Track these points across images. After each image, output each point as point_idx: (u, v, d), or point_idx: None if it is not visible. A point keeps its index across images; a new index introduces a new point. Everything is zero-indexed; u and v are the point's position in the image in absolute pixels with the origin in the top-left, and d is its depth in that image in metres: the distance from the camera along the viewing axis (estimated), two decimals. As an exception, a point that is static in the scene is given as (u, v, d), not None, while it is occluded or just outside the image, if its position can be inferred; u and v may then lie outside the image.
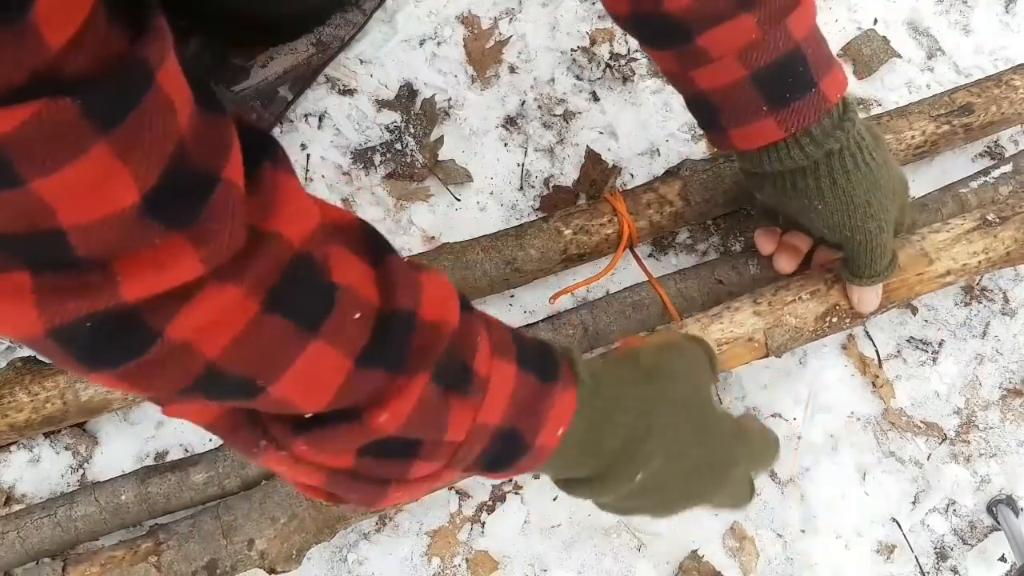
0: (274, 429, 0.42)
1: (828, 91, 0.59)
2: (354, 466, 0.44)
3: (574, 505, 0.75)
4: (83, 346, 0.34)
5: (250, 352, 0.37)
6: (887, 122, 0.81)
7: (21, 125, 0.27)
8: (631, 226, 0.76)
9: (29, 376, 0.70)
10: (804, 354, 0.80)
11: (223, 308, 0.35)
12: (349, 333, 0.40)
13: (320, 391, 0.40)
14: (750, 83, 0.59)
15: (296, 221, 0.38)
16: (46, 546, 0.67)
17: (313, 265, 0.39)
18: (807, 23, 0.59)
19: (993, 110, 0.82)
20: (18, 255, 0.32)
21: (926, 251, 0.72)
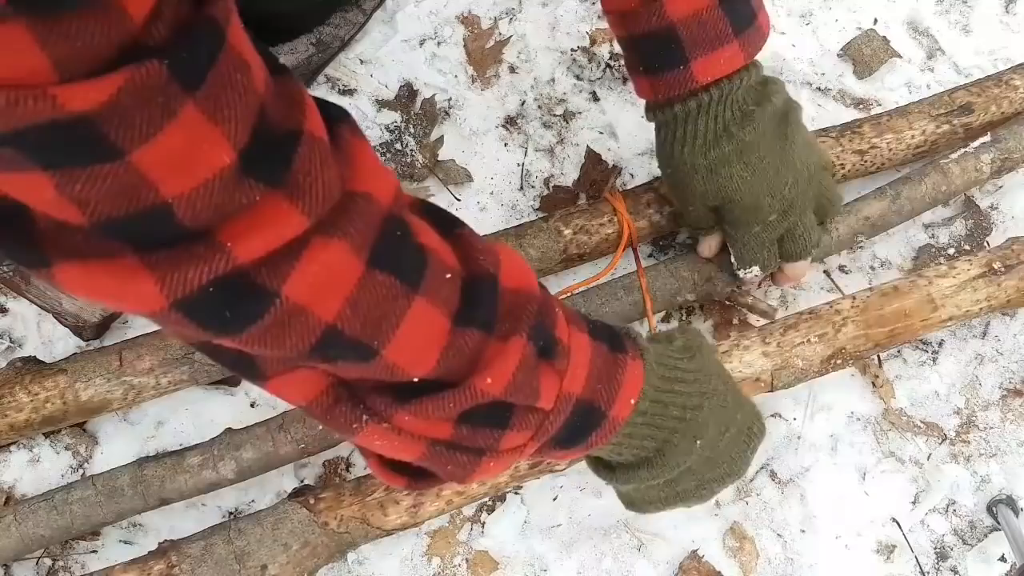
0: (375, 402, 0.43)
1: (698, 72, 0.62)
2: (453, 435, 0.45)
3: (574, 505, 0.75)
4: (208, 313, 0.34)
5: (363, 311, 0.38)
6: (887, 122, 0.81)
7: (115, 93, 0.28)
8: (631, 226, 0.76)
9: (29, 376, 0.70)
10: (804, 354, 0.80)
11: (333, 264, 0.36)
12: (444, 293, 0.41)
13: (426, 353, 0.41)
14: (630, 45, 0.63)
15: (381, 182, 0.39)
16: (41, 530, 0.67)
17: (404, 225, 0.40)
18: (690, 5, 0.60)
19: (993, 109, 0.82)
20: (124, 237, 0.32)
21: (932, 297, 0.73)
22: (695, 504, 0.61)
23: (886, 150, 0.80)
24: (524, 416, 0.47)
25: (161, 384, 0.71)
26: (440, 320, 0.41)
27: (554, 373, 0.47)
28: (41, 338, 0.78)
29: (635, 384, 0.51)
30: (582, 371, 0.49)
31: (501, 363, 0.43)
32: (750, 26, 0.62)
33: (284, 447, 0.69)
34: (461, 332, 0.42)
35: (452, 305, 0.42)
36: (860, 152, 0.79)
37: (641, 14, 0.61)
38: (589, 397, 0.49)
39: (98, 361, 0.71)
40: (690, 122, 0.64)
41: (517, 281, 0.46)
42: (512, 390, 0.44)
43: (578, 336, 0.49)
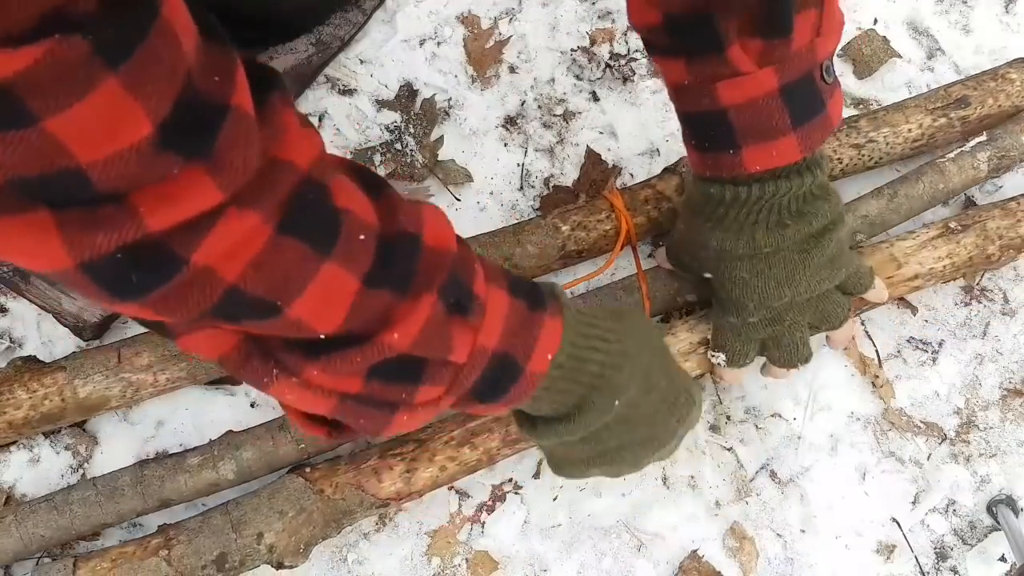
0: (285, 357, 0.44)
1: (748, 160, 0.59)
2: (364, 389, 0.45)
3: (574, 505, 0.75)
4: (112, 277, 0.35)
5: (268, 274, 0.38)
6: (883, 116, 0.81)
7: (32, 64, 0.28)
8: (629, 222, 0.76)
9: (28, 374, 0.70)
10: (804, 354, 0.80)
11: (243, 233, 0.36)
12: (356, 255, 0.41)
13: (333, 311, 0.41)
14: (683, 118, 0.61)
15: (303, 147, 0.39)
16: (41, 530, 0.67)
17: (320, 189, 0.40)
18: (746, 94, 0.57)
19: (990, 102, 0.82)
20: (38, 195, 0.32)
21: (895, 256, 0.75)
22: (618, 470, 0.60)
23: (883, 144, 0.80)
24: (437, 370, 0.47)
25: (159, 381, 0.71)
26: (349, 281, 0.41)
27: (468, 328, 0.47)
28: (41, 338, 0.78)
29: (552, 340, 0.51)
30: (498, 325, 0.49)
31: (409, 319, 0.43)
32: (814, 118, 0.58)
33: (284, 446, 0.69)
34: (371, 292, 0.42)
35: (364, 266, 0.42)
36: (857, 146, 0.80)
37: (694, 93, 0.59)
38: (505, 350, 0.49)
39: (97, 358, 0.71)
40: (722, 207, 0.62)
41: (438, 238, 0.46)
42: (420, 345, 0.45)
43: (496, 292, 0.49)
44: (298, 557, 0.66)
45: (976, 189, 0.86)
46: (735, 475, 0.77)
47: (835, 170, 0.80)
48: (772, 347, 0.69)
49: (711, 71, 0.57)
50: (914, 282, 0.76)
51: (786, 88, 0.57)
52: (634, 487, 0.76)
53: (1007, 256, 0.78)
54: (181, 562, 0.63)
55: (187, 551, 0.64)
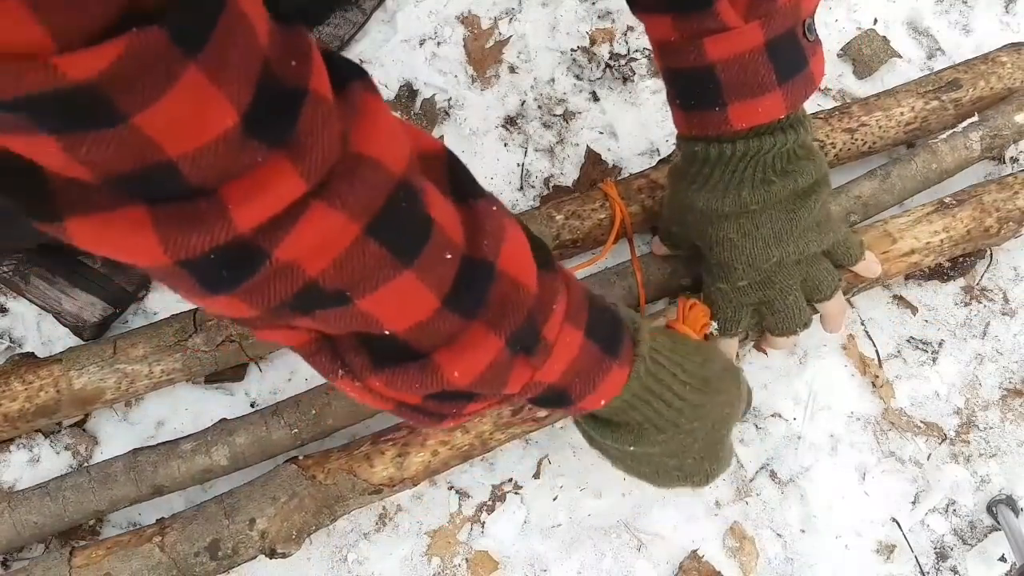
0: (352, 360, 0.45)
1: (734, 117, 0.60)
2: (420, 404, 0.47)
3: (574, 505, 0.75)
4: (205, 273, 0.36)
5: (347, 271, 0.38)
6: (875, 102, 0.81)
7: (115, 61, 0.28)
8: (624, 210, 0.76)
9: (25, 367, 0.70)
10: (804, 354, 0.80)
11: (327, 230, 0.37)
12: (439, 272, 0.42)
13: (404, 316, 0.42)
14: (668, 77, 0.61)
15: (393, 146, 0.39)
16: (35, 517, 0.67)
17: (413, 195, 0.40)
18: (732, 49, 0.57)
19: (982, 84, 0.82)
20: (132, 190, 0.33)
21: (889, 232, 0.75)
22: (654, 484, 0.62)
23: (875, 127, 0.80)
24: (490, 396, 0.49)
25: (154, 373, 0.71)
26: (427, 297, 0.42)
27: (528, 367, 0.48)
28: (41, 338, 0.78)
29: (611, 390, 0.53)
30: (560, 366, 0.50)
31: (472, 359, 0.44)
32: (798, 74, 0.59)
33: (277, 432, 0.69)
34: (446, 313, 0.42)
35: (444, 286, 0.42)
36: (849, 130, 0.80)
37: (681, 50, 0.58)
38: (562, 385, 0.51)
39: (92, 350, 0.71)
40: (708, 166, 0.62)
41: (516, 271, 0.45)
42: (478, 385, 0.46)
43: (570, 333, 0.49)
44: (291, 544, 0.66)
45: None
46: (735, 475, 0.77)
47: (829, 156, 0.80)
48: (767, 313, 0.68)
49: (698, 26, 0.57)
50: (911, 257, 0.76)
51: (771, 43, 0.57)
52: (634, 487, 0.76)
53: (1008, 229, 0.78)
54: (174, 548, 0.64)
55: (180, 538, 0.64)
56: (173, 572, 0.64)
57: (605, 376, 0.51)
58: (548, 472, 0.76)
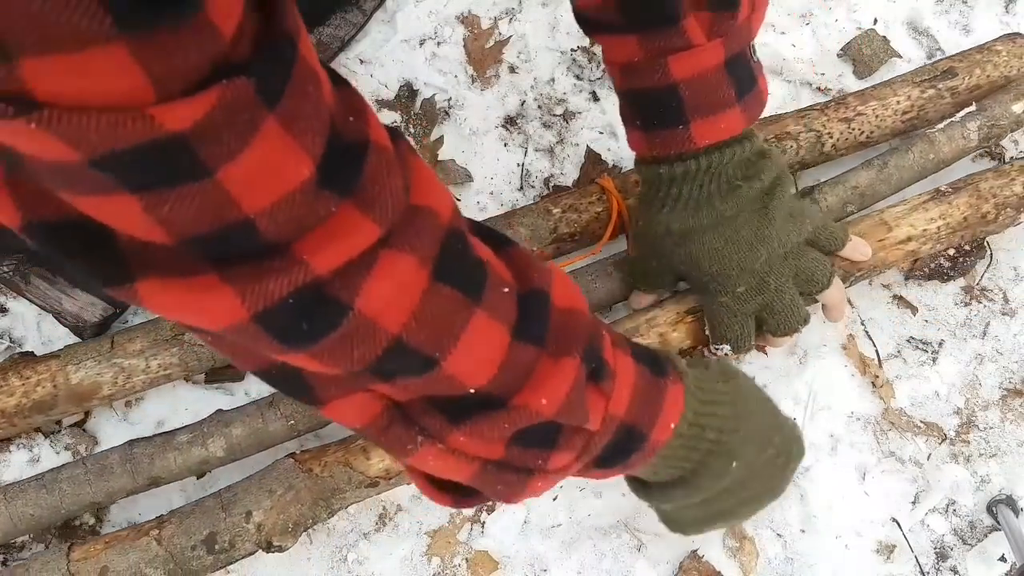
0: (429, 423, 0.43)
1: (697, 134, 0.60)
2: (505, 455, 0.45)
3: (574, 505, 0.75)
4: (284, 325, 0.35)
5: (427, 322, 0.38)
6: (871, 92, 0.82)
7: (209, 111, 0.28)
8: (621, 203, 0.76)
9: (23, 363, 0.70)
10: (804, 354, 0.80)
11: (401, 277, 0.36)
12: (503, 307, 0.42)
13: (486, 365, 0.41)
14: (629, 98, 0.61)
15: (441, 196, 0.39)
16: (31, 509, 0.67)
17: (464, 239, 0.40)
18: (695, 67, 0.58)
19: (978, 72, 0.82)
20: (205, 252, 0.32)
21: (885, 220, 0.75)
22: (734, 522, 0.62)
23: (872, 116, 0.80)
24: (571, 437, 0.47)
25: (151, 367, 0.71)
26: (500, 333, 0.41)
27: (601, 395, 0.47)
28: (41, 338, 0.78)
29: (675, 408, 0.52)
30: (626, 393, 0.49)
31: (555, 383, 0.43)
32: (751, 91, 0.61)
33: (273, 423, 0.69)
34: (519, 345, 0.42)
35: (511, 319, 0.42)
36: (846, 120, 0.80)
37: (644, 69, 0.59)
38: (632, 420, 0.50)
39: (90, 345, 0.71)
40: (675, 186, 0.63)
41: (568, 300, 0.45)
42: (564, 411, 0.44)
43: (623, 359, 0.49)
44: (287, 537, 0.66)
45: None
46: (735, 475, 0.77)
47: (826, 146, 0.80)
48: (768, 316, 0.68)
49: (664, 44, 0.57)
50: (908, 245, 0.76)
51: (730, 61, 0.59)
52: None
53: (1005, 216, 0.78)
54: (171, 542, 0.64)
55: (177, 531, 0.64)
56: (170, 566, 0.64)
57: (665, 396, 0.51)
58: (548, 472, 0.76)
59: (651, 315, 0.72)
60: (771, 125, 0.79)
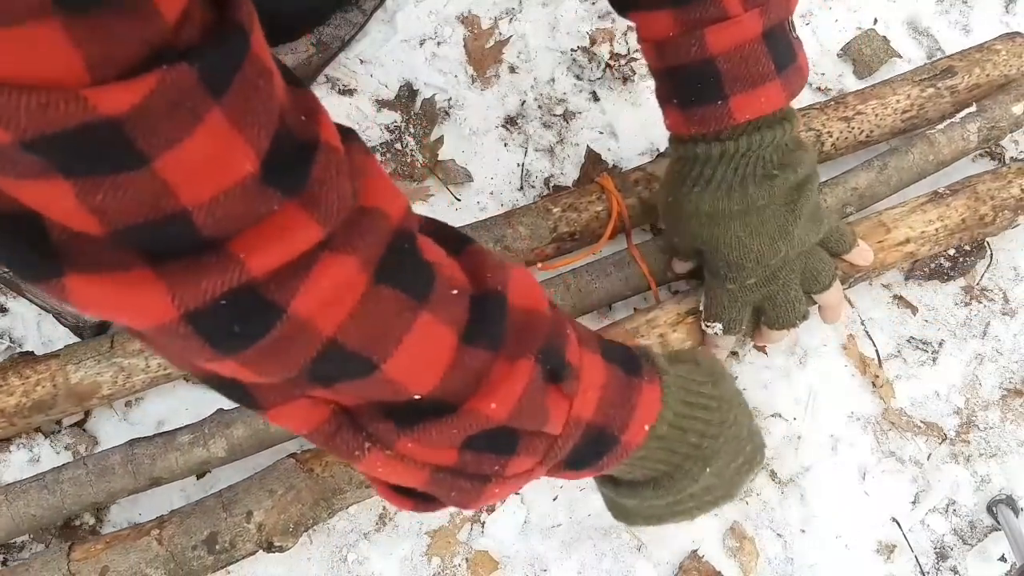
0: (376, 428, 0.42)
1: (736, 109, 0.59)
2: (457, 462, 0.44)
3: (574, 505, 0.75)
4: (215, 327, 0.33)
5: (365, 325, 0.37)
6: (870, 91, 0.81)
7: (146, 96, 0.27)
8: (620, 203, 0.76)
9: (23, 363, 0.70)
10: (804, 354, 0.80)
11: (340, 280, 0.35)
12: (452, 308, 0.40)
13: (430, 369, 0.40)
14: (665, 75, 0.60)
15: (391, 197, 0.38)
16: (32, 510, 0.67)
17: (412, 241, 0.39)
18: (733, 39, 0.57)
19: (977, 71, 0.82)
20: (139, 246, 0.31)
21: (883, 222, 0.76)
22: (681, 521, 0.59)
23: (872, 115, 0.80)
24: (531, 441, 0.45)
25: (151, 367, 0.71)
26: (447, 336, 0.40)
27: (563, 397, 0.46)
28: (41, 338, 0.78)
29: (651, 409, 0.50)
30: (594, 395, 0.47)
31: (507, 386, 0.42)
32: (791, 64, 0.59)
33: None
34: (468, 349, 0.40)
35: (460, 321, 0.41)
36: (846, 119, 0.80)
37: (680, 44, 0.58)
38: (601, 422, 0.48)
39: (90, 345, 0.71)
40: (709, 166, 0.62)
41: (526, 300, 0.44)
42: (518, 415, 0.43)
43: (591, 358, 0.48)
44: (288, 537, 0.66)
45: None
46: (735, 475, 0.77)
47: (825, 145, 0.80)
48: (769, 308, 0.68)
49: (700, 15, 0.57)
50: (906, 247, 0.76)
51: (768, 33, 0.58)
52: (634, 487, 0.76)
53: (1003, 218, 0.78)
54: (172, 542, 0.64)
55: (178, 531, 0.64)
56: (171, 566, 0.64)
57: (638, 396, 0.49)
58: (548, 472, 0.76)
59: (652, 315, 0.72)
60: (771, 125, 0.79)
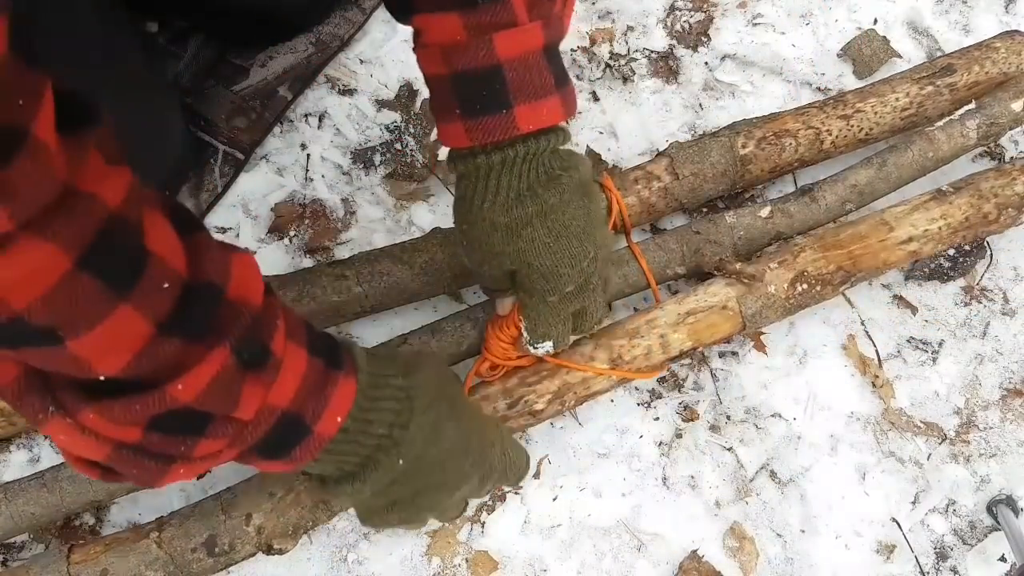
0: (64, 395, 0.42)
1: (520, 119, 0.58)
2: (141, 440, 0.44)
3: (574, 505, 0.75)
4: None
5: (58, 307, 0.37)
6: (869, 89, 0.81)
7: None
8: (620, 202, 0.76)
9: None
10: (804, 354, 0.80)
11: (35, 264, 0.35)
12: (155, 301, 0.40)
13: (117, 354, 0.40)
14: (449, 83, 0.59)
15: (110, 180, 0.38)
16: (31, 508, 0.67)
17: (128, 227, 0.39)
18: (520, 47, 0.56)
19: (976, 69, 0.82)
20: None
21: (886, 220, 0.75)
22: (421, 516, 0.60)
23: (871, 113, 0.80)
24: (221, 424, 0.46)
25: None
26: (143, 326, 0.40)
27: (259, 384, 0.47)
28: (41, 338, 0.78)
29: (344, 402, 0.52)
30: (292, 384, 0.49)
31: (197, 371, 0.42)
32: (567, 85, 0.60)
33: None
34: (163, 339, 0.41)
35: (161, 313, 0.41)
36: (845, 117, 0.80)
37: (468, 48, 0.56)
38: (296, 411, 0.49)
39: None
40: (493, 176, 0.60)
41: (241, 290, 0.45)
42: (206, 399, 0.44)
43: (295, 350, 0.49)
44: (287, 540, 0.66)
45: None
46: (735, 475, 0.77)
47: (825, 143, 0.80)
48: (580, 318, 0.67)
49: (490, 20, 0.56)
50: (909, 245, 0.76)
51: (548, 48, 0.58)
52: (634, 487, 0.76)
53: (1007, 216, 0.78)
54: (171, 544, 0.64)
55: (177, 534, 0.64)
56: (170, 568, 0.64)
57: (334, 389, 0.51)
58: (548, 472, 0.76)
59: (651, 316, 0.72)
60: (770, 123, 0.79)
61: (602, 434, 0.77)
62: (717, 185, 0.79)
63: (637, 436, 0.77)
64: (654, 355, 0.71)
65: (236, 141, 0.84)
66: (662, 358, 0.72)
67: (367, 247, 0.80)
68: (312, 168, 0.85)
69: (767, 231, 0.77)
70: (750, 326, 0.73)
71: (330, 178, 0.85)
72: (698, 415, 0.78)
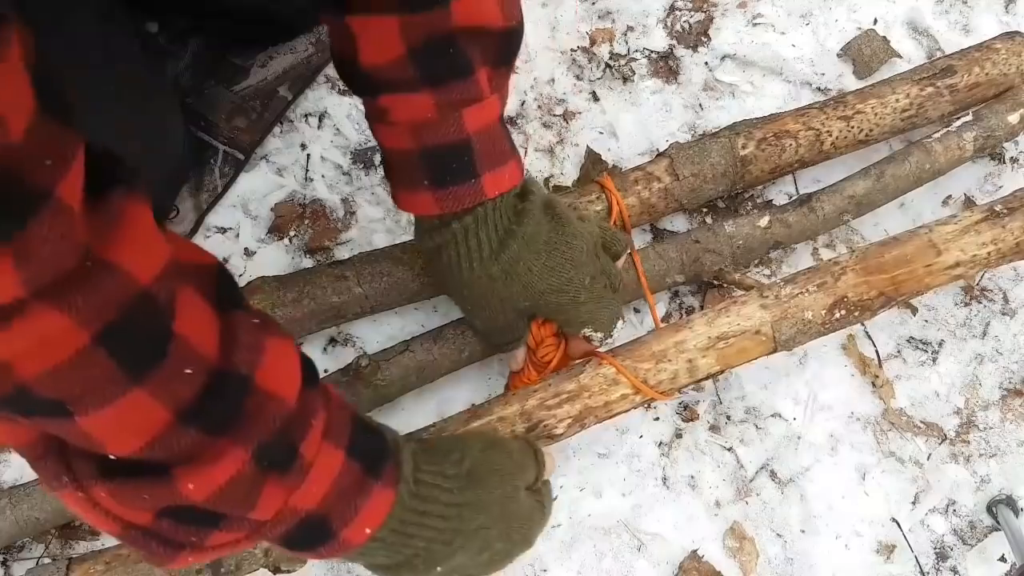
0: (79, 465, 0.41)
1: (487, 185, 0.60)
2: (152, 525, 0.43)
3: (574, 505, 0.75)
4: None
5: (68, 381, 0.36)
6: (869, 90, 0.81)
7: None
8: (620, 202, 0.76)
9: None
10: (804, 354, 0.80)
11: (47, 335, 0.34)
12: (175, 387, 0.39)
13: (130, 437, 0.39)
14: (418, 157, 0.60)
15: (143, 255, 0.37)
16: (36, 513, 0.67)
17: (156, 307, 0.38)
18: (484, 119, 0.59)
19: (976, 71, 0.82)
20: None
21: (934, 243, 0.71)
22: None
23: (871, 115, 0.80)
24: (236, 522, 0.45)
25: None
26: (159, 412, 0.39)
27: (282, 487, 0.45)
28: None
29: (377, 515, 0.50)
30: (320, 489, 0.47)
31: (211, 472, 0.41)
32: (516, 150, 0.63)
33: None
34: (181, 428, 0.40)
35: (182, 400, 0.40)
36: (845, 118, 0.80)
37: (440, 125, 0.58)
38: (323, 513, 0.48)
39: None
40: (471, 236, 0.62)
41: (273, 384, 0.43)
42: (218, 500, 0.42)
43: (330, 452, 0.47)
44: (294, 562, 0.65)
45: (976, 190, 0.86)
46: (735, 475, 0.77)
47: (825, 144, 0.80)
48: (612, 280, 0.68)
49: (460, 97, 0.57)
50: (955, 270, 0.72)
51: (501, 116, 0.61)
52: (634, 487, 0.76)
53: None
54: None
55: None
56: None
57: (367, 499, 0.49)
58: (548, 472, 0.76)
59: (680, 338, 0.68)
60: (770, 124, 0.79)
61: (602, 434, 0.77)
62: (717, 186, 0.79)
63: (637, 436, 0.77)
64: (680, 380, 0.68)
65: (236, 141, 0.84)
66: (687, 382, 0.69)
67: (367, 247, 0.80)
68: (312, 168, 0.85)
69: (765, 240, 0.77)
70: (781, 350, 0.70)
71: (330, 178, 0.85)
72: (698, 415, 0.78)
